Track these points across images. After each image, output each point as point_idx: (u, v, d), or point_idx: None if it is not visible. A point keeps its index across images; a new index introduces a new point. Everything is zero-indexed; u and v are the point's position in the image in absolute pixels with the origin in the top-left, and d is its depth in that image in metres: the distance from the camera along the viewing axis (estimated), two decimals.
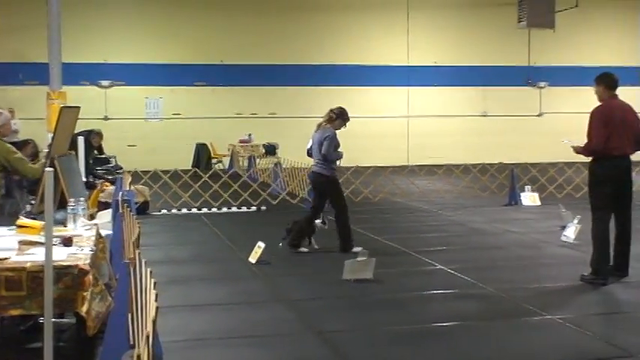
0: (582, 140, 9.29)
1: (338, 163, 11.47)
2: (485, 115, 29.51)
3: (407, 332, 7.30)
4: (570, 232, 11.99)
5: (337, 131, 11.28)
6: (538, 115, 29.87)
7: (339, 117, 11.31)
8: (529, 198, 16.79)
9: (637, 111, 9.35)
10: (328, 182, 11.26)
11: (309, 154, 11.44)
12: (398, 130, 28.33)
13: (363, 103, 28.31)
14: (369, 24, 28.50)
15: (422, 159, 26.47)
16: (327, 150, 11.07)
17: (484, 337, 7.17)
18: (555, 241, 12.10)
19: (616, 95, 9.32)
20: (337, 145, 11.22)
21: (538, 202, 16.65)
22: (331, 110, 11.36)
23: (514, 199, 16.84)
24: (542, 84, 29.81)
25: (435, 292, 8.91)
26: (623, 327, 7.44)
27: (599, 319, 7.91)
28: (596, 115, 9.15)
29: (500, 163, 19.79)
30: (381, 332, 7.31)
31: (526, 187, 17.21)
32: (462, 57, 29.15)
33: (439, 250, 11.44)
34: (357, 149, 26.53)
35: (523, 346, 6.90)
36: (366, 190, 17.77)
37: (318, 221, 11.45)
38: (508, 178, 17.54)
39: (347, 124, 11.42)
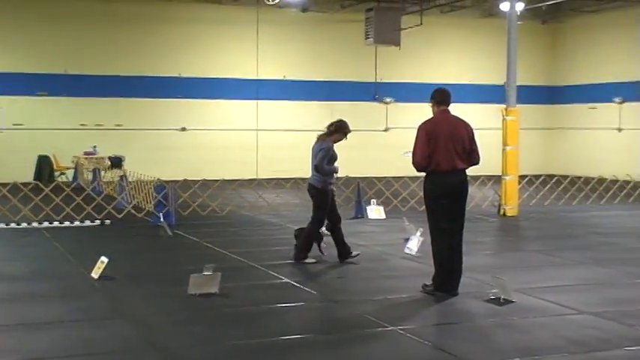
0: None
1: (335, 175, 11.55)
2: None
3: (252, 346, 7.27)
4: (413, 245, 12.28)
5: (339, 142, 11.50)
6: (384, 130, 30.49)
7: (337, 130, 11.41)
8: (374, 211, 17.11)
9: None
10: (318, 193, 11.38)
11: None
12: (246, 142, 28.31)
13: (212, 115, 28.19)
14: (218, 36, 28.38)
15: (270, 172, 26.46)
16: (320, 162, 11.23)
17: (328, 350, 7.23)
18: (399, 253, 12.37)
19: (447, 110, 9.42)
20: (333, 158, 11.38)
21: (383, 216, 16.98)
22: (330, 123, 11.43)
23: (360, 213, 17.13)
24: (388, 99, 30.45)
25: (280, 305, 8.92)
26: (458, 336, 7.68)
27: (438, 329, 8.14)
28: (419, 131, 9.27)
29: (347, 176, 20.06)
30: (226, 347, 7.25)
31: (372, 200, 17.53)
32: (310, 72, 29.43)
33: (286, 264, 11.45)
34: (204, 161, 26.53)
35: (366, 358, 7.01)
36: (214, 203, 17.63)
37: (322, 229, 11.62)
38: (354, 192, 17.83)
39: (347, 135, 11.51)
